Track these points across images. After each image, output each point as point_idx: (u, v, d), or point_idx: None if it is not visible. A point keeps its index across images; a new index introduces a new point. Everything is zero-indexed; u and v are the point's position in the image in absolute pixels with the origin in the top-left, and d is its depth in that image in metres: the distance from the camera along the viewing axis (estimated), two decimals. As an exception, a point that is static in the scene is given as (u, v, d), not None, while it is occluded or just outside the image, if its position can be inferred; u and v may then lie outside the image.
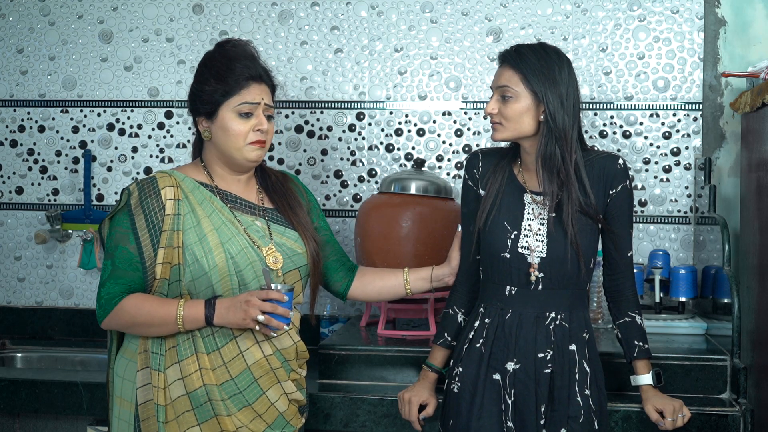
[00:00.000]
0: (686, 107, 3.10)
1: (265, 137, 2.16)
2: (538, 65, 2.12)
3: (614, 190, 2.19)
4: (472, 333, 2.21)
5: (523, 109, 2.12)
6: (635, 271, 2.57)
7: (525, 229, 2.17)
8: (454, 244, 2.33)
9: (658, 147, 3.11)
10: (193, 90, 2.18)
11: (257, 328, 2.02)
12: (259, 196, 2.23)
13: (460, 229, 2.32)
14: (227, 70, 2.12)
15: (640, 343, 2.24)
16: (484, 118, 3.19)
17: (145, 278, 2.09)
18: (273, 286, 2.05)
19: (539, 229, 2.17)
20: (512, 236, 2.17)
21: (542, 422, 2.12)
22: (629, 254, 2.24)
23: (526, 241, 2.16)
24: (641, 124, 3.12)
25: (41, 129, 3.42)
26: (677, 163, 3.10)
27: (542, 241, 2.16)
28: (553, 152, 2.12)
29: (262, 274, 2.11)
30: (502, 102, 2.14)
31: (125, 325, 2.09)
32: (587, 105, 3.13)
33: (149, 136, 3.36)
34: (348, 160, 3.26)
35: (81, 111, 3.40)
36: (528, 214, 2.18)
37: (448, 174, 3.21)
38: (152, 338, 2.10)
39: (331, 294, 2.40)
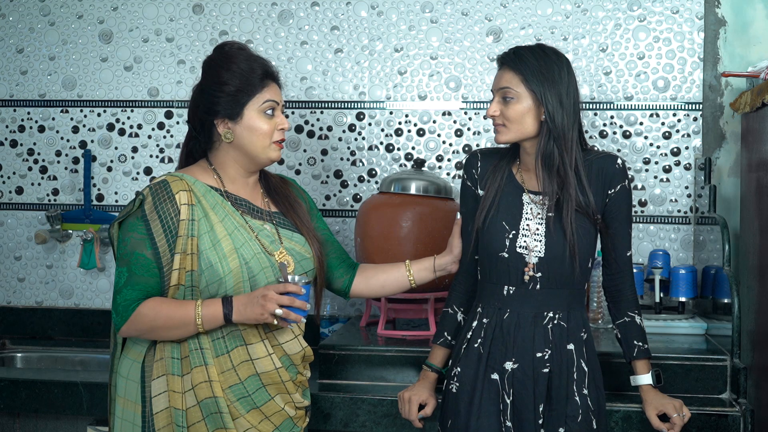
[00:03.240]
0: (686, 107, 3.10)
1: (284, 136, 2.18)
2: (537, 66, 2.12)
3: (613, 190, 2.19)
4: (470, 333, 2.21)
5: (525, 109, 2.13)
6: (635, 271, 2.58)
7: (523, 229, 2.18)
8: (455, 232, 2.32)
9: (658, 147, 3.11)
10: (211, 93, 2.12)
11: (275, 322, 2.01)
12: (265, 200, 2.23)
13: (459, 216, 2.31)
14: (246, 69, 2.11)
15: (640, 343, 2.24)
16: (485, 118, 3.19)
17: (162, 284, 2.07)
18: (290, 278, 2.04)
19: (537, 229, 2.17)
20: (510, 236, 2.17)
21: (540, 422, 2.12)
22: (628, 254, 2.24)
23: (524, 241, 2.17)
24: (641, 124, 3.12)
25: (41, 129, 3.42)
26: (677, 163, 3.10)
27: (540, 241, 2.16)
28: (552, 152, 2.13)
29: (273, 280, 2.10)
30: (504, 104, 2.15)
31: (144, 330, 2.07)
32: (587, 105, 3.13)
33: (149, 136, 3.36)
34: (348, 160, 3.26)
35: (81, 111, 3.40)
36: (526, 213, 2.19)
37: (448, 174, 3.21)
38: (172, 344, 2.08)
39: (334, 293, 2.39)
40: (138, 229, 2.08)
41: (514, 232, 2.17)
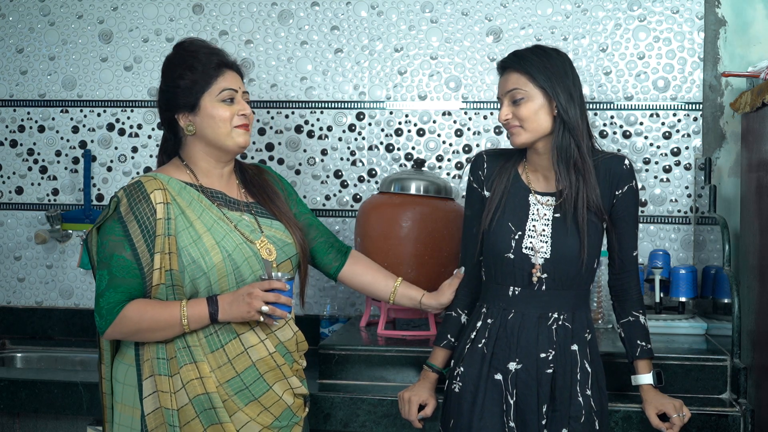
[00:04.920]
0: (686, 107, 3.10)
1: (248, 120, 2.18)
2: (540, 63, 2.13)
3: (620, 191, 2.19)
4: (474, 333, 2.21)
5: (537, 107, 2.13)
6: (635, 270, 2.58)
7: (529, 230, 2.18)
8: (452, 282, 2.34)
9: (658, 147, 3.11)
10: (167, 89, 2.17)
11: (261, 319, 2.03)
12: (241, 191, 2.24)
13: (462, 270, 2.32)
14: (197, 61, 2.14)
15: (643, 343, 2.24)
16: (485, 118, 3.20)
17: (144, 284, 2.07)
18: (273, 275, 2.05)
19: (544, 230, 2.17)
20: (516, 237, 2.17)
21: (544, 422, 2.12)
22: (634, 254, 2.25)
23: (530, 242, 2.17)
24: (641, 124, 3.12)
25: (41, 129, 3.42)
26: (677, 163, 3.10)
27: (546, 242, 2.16)
28: (568, 144, 2.14)
29: (258, 269, 2.11)
30: (514, 106, 2.15)
31: (129, 333, 2.08)
32: (587, 105, 3.12)
33: (149, 136, 3.36)
34: (348, 160, 3.26)
35: (81, 111, 3.40)
36: (533, 214, 2.19)
37: (448, 174, 3.21)
38: (157, 345, 2.09)
39: (322, 273, 2.44)
40: (115, 232, 2.08)
41: (520, 233, 2.17)
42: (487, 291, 2.24)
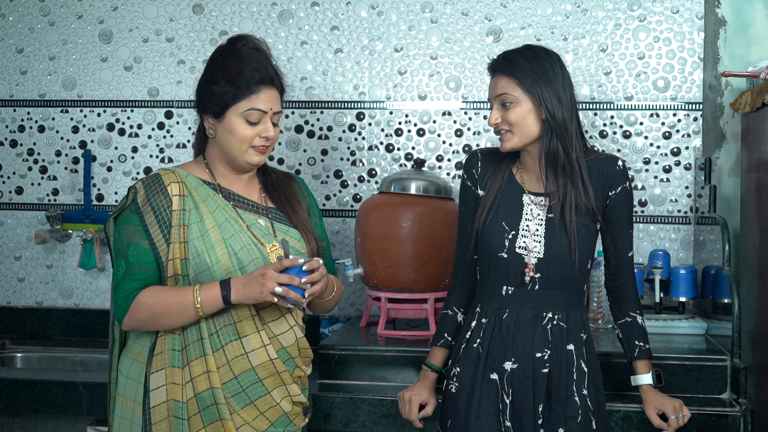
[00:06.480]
0: (686, 107, 3.10)
1: (269, 143, 2.16)
2: (529, 67, 2.13)
3: (614, 192, 2.19)
4: (470, 333, 2.22)
5: (526, 112, 2.13)
6: (635, 271, 2.58)
7: (523, 230, 2.18)
8: None
9: (658, 147, 3.11)
10: (202, 88, 2.16)
11: (275, 300, 2.01)
12: (262, 195, 2.24)
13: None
14: (238, 72, 2.10)
15: (641, 343, 2.24)
16: (484, 118, 3.20)
17: (161, 274, 2.09)
18: (290, 256, 2.04)
19: (537, 230, 2.17)
20: (510, 236, 2.17)
21: (540, 422, 2.12)
22: (630, 254, 2.25)
23: (524, 242, 2.17)
24: (641, 124, 3.12)
25: (41, 129, 3.42)
26: (677, 163, 3.10)
27: (540, 242, 2.16)
28: (556, 150, 2.14)
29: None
30: (504, 110, 2.15)
31: (145, 319, 2.07)
32: (587, 105, 3.13)
33: (149, 136, 3.36)
34: (348, 160, 3.26)
35: (81, 111, 3.40)
36: (526, 214, 2.19)
37: (448, 174, 3.21)
38: (173, 336, 2.09)
39: None
40: (132, 221, 2.10)
41: (513, 232, 2.18)
42: (481, 290, 2.24)
